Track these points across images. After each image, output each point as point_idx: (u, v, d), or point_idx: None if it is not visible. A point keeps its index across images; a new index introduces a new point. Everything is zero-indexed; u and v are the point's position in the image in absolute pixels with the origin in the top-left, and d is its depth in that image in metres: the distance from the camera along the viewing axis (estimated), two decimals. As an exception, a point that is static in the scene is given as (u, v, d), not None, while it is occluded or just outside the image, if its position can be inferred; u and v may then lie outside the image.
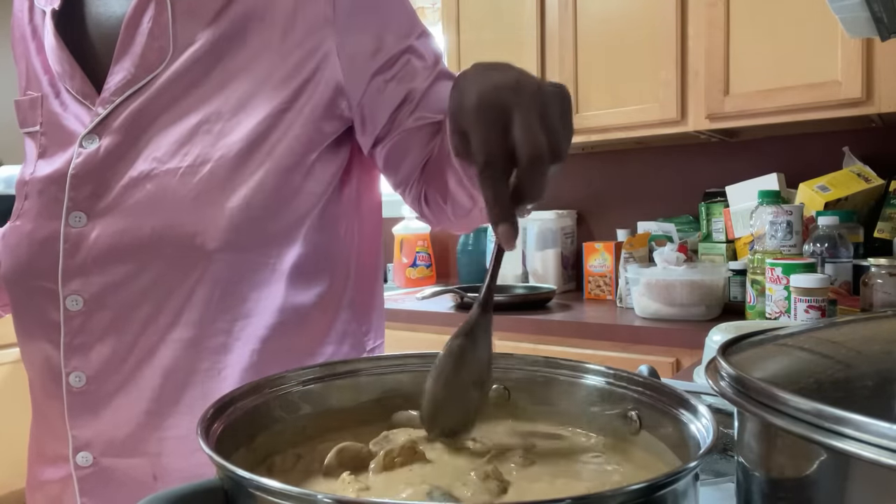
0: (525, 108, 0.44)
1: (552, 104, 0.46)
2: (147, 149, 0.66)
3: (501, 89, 0.45)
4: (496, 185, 0.43)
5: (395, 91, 0.70)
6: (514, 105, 0.44)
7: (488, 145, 0.44)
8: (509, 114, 0.44)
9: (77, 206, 0.65)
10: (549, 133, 0.44)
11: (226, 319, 0.66)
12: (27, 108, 0.72)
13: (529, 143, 0.42)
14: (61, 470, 0.68)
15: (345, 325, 0.75)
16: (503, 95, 0.45)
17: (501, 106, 0.44)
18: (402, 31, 0.71)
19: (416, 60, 0.71)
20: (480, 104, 0.45)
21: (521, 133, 0.43)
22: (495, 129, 0.44)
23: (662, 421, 0.44)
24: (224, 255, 0.64)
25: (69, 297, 0.65)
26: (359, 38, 0.69)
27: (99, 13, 0.71)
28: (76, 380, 0.66)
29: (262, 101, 0.66)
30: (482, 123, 0.44)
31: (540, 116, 0.44)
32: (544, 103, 0.45)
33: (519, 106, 0.44)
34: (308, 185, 0.69)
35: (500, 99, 0.44)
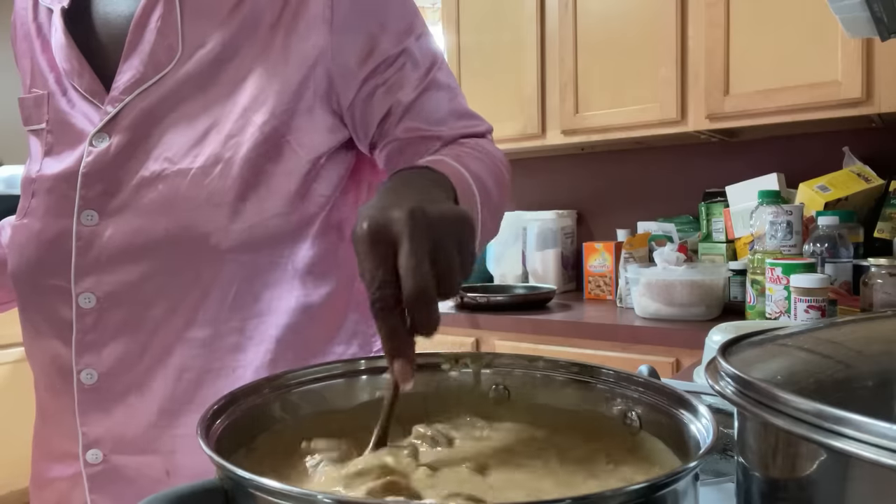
0: (413, 240, 0.41)
1: (448, 233, 0.43)
2: (158, 148, 0.66)
3: (393, 217, 0.42)
4: (388, 320, 0.41)
5: (382, 100, 0.69)
6: (402, 234, 0.41)
7: (375, 279, 0.41)
8: (397, 245, 0.41)
9: (88, 204, 0.66)
10: (440, 265, 0.41)
11: (239, 318, 0.66)
12: (32, 106, 0.72)
13: (413, 277, 0.40)
14: (70, 468, 0.68)
15: (354, 325, 0.76)
16: (392, 226, 0.42)
17: (389, 236, 0.42)
18: (400, 33, 0.70)
19: (410, 67, 0.70)
20: (370, 234, 0.42)
21: (405, 267, 0.40)
22: (383, 261, 0.41)
23: (662, 421, 0.44)
24: (237, 255, 0.65)
25: (82, 294, 0.65)
26: (353, 40, 0.68)
27: (107, 12, 0.71)
28: (87, 377, 0.66)
29: (271, 102, 0.67)
30: (370, 255, 0.42)
31: (431, 248, 0.41)
32: (439, 232, 0.42)
33: (407, 237, 0.41)
34: (317, 187, 0.70)
35: (388, 230, 0.42)
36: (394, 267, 0.41)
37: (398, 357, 0.41)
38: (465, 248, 0.44)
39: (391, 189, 0.49)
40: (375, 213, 0.43)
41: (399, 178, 0.52)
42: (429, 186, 0.51)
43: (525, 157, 2.52)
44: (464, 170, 0.60)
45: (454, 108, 0.73)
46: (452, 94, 0.74)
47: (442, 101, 0.72)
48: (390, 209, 0.43)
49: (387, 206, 0.43)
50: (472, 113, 0.75)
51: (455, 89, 0.75)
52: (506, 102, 2.22)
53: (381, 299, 0.41)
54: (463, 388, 0.53)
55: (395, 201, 0.44)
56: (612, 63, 2.03)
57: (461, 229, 0.44)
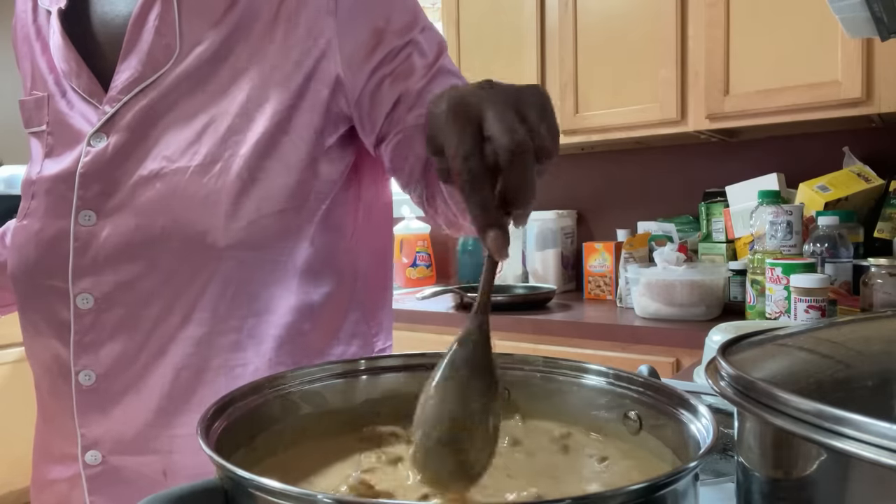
0: (498, 103, 0.40)
1: (528, 100, 0.42)
2: (156, 147, 0.66)
3: (470, 92, 0.42)
4: (478, 189, 0.39)
5: (391, 89, 0.69)
6: (485, 102, 0.40)
7: (463, 147, 0.39)
8: (480, 112, 0.40)
9: (86, 204, 0.66)
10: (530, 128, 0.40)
11: (237, 317, 0.66)
12: (32, 108, 0.72)
13: (506, 135, 0.38)
14: (69, 469, 0.68)
15: (353, 325, 0.76)
16: (472, 96, 0.41)
17: (472, 107, 0.41)
18: (405, 25, 0.70)
19: (417, 56, 0.70)
20: (451, 108, 0.41)
21: (496, 127, 0.39)
22: (468, 129, 0.40)
23: (662, 421, 0.44)
24: (235, 253, 0.65)
25: (79, 295, 0.65)
26: (359, 32, 0.68)
27: (105, 12, 0.71)
28: (86, 378, 0.66)
29: (269, 98, 0.67)
30: (454, 127, 0.40)
31: (515, 112, 0.40)
32: (519, 97, 0.41)
33: (490, 101, 0.40)
34: (316, 185, 0.70)
35: (469, 100, 0.41)
36: (479, 136, 0.40)
37: (492, 227, 0.39)
38: (546, 110, 0.42)
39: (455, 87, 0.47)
40: (454, 91, 0.43)
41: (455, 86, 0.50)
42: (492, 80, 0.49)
43: (525, 157, 2.51)
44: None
45: None
46: (460, 80, 0.72)
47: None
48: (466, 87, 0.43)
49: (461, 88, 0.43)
50: None
51: (462, 76, 0.74)
52: (506, 102, 2.21)
53: (470, 169, 0.39)
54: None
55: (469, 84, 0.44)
56: (612, 63, 2.03)
57: (541, 97, 0.43)
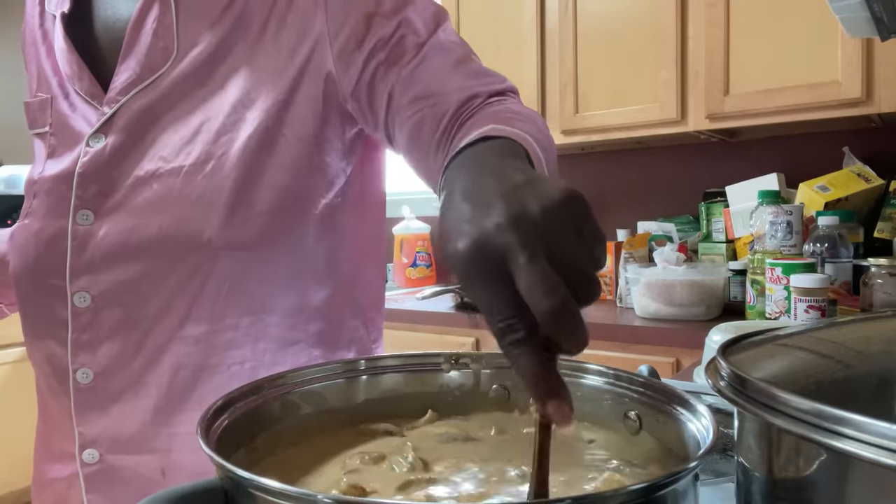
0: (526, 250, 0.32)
1: (563, 223, 0.34)
2: (153, 148, 0.66)
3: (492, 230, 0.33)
4: (526, 354, 0.32)
5: (384, 78, 0.66)
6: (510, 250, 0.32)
7: (497, 312, 0.33)
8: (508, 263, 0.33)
9: (84, 204, 0.66)
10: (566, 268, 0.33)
11: (234, 316, 0.66)
12: (37, 110, 0.73)
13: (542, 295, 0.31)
14: (68, 467, 0.68)
15: (352, 332, 0.76)
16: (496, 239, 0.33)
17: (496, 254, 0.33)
18: (395, 7, 0.67)
19: (410, 36, 0.66)
20: (473, 258, 0.34)
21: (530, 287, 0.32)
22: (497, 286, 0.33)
23: (662, 421, 0.44)
24: (231, 252, 0.65)
25: (77, 293, 0.66)
26: (350, 22, 0.67)
27: (107, 16, 0.72)
28: (83, 376, 0.66)
29: (261, 96, 0.67)
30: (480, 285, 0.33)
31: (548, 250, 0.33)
32: (551, 226, 0.33)
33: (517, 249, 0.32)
34: (313, 183, 0.70)
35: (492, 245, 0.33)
36: (513, 290, 0.32)
37: (553, 397, 0.32)
38: (587, 233, 0.35)
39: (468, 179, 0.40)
40: (470, 228, 0.34)
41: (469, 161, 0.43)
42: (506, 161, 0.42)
43: (525, 157, 2.51)
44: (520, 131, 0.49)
45: (463, 69, 0.66)
46: (460, 54, 0.67)
47: (446, 63, 0.66)
48: (485, 215, 0.34)
49: (478, 213, 0.35)
50: (487, 71, 0.67)
51: (464, 49, 0.68)
52: (506, 102, 2.22)
53: (511, 331, 0.33)
54: (463, 388, 0.53)
55: (483, 199, 0.35)
56: (612, 63, 2.03)
57: (574, 210, 0.34)
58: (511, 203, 0.34)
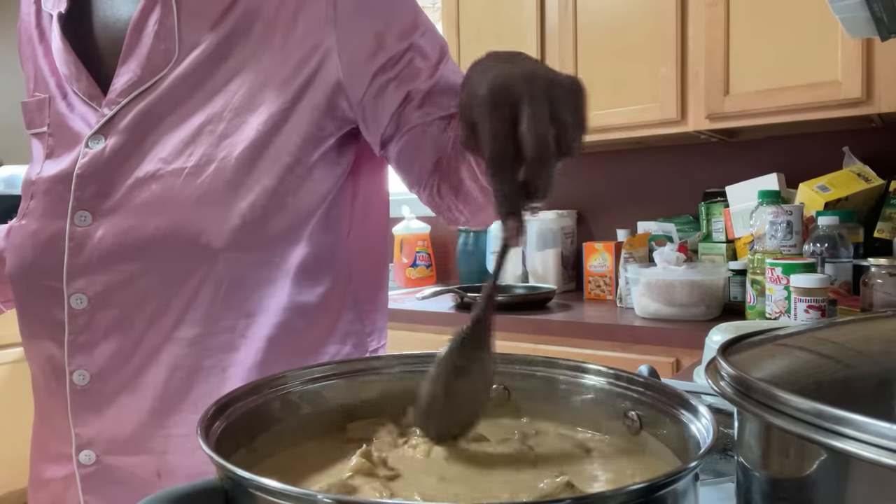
0: (535, 101, 0.43)
1: (564, 97, 0.44)
2: (153, 150, 0.66)
3: (512, 81, 0.44)
4: (504, 179, 0.42)
5: (395, 91, 0.69)
6: (523, 97, 0.43)
7: (496, 138, 0.43)
8: (518, 106, 0.43)
9: (82, 205, 0.66)
10: (559, 127, 0.43)
11: (230, 318, 0.66)
12: (34, 110, 0.73)
13: (535, 137, 0.42)
14: (64, 468, 0.68)
15: (348, 325, 0.76)
16: (514, 87, 0.44)
17: (511, 98, 0.43)
18: (405, 30, 0.70)
19: (419, 59, 0.70)
20: (490, 96, 0.44)
21: (528, 127, 0.42)
22: (503, 121, 0.43)
23: (662, 421, 0.44)
24: (229, 254, 0.65)
25: (73, 295, 0.66)
26: (360, 38, 0.68)
27: (106, 16, 0.72)
28: (80, 378, 0.66)
29: (265, 102, 0.67)
30: (491, 115, 0.44)
31: (550, 109, 0.43)
32: (556, 96, 0.44)
33: (528, 98, 0.43)
34: (312, 186, 0.70)
35: (510, 90, 0.44)
36: (513, 126, 0.43)
37: (511, 215, 0.42)
38: (579, 112, 0.45)
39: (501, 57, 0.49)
40: (496, 75, 0.45)
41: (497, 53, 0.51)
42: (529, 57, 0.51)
43: (525, 157, 2.51)
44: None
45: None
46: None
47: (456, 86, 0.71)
48: (509, 72, 0.45)
49: (504, 70, 0.45)
50: None
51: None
52: (506, 102, 2.21)
53: (499, 155, 0.43)
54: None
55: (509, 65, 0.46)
56: (612, 63, 2.03)
57: (576, 93, 0.45)
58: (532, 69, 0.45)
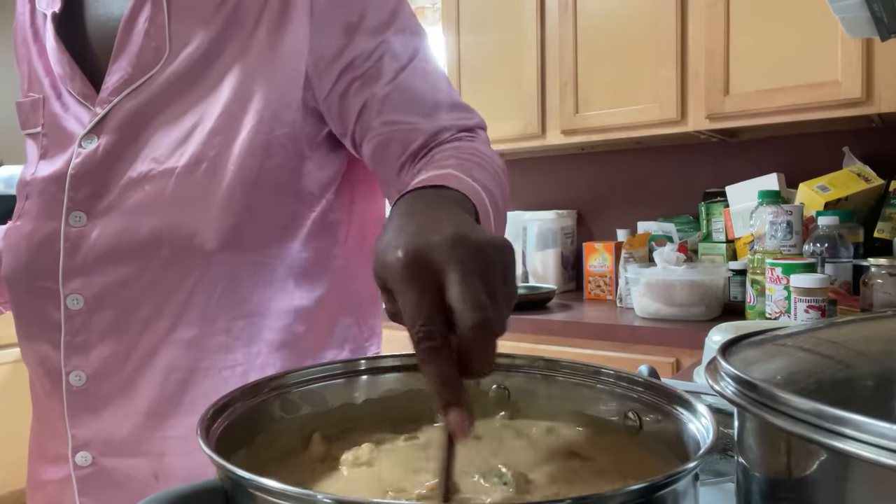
0: (462, 267, 0.36)
1: (493, 262, 0.38)
2: (145, 149, 0.66)
3: (433, 245, 0.37)
4: (439, 363, 0.35)
5: (357, 94, 0.66)
6: (448, 263, 0.36)
7: (420, 314, 0.36)
8: (442, 274, 0.36)
9: (77, 205, 0.66)
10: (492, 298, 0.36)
11: (226, 319, 0.66)
12: (29, 110, 0.73)
13: (471, 308, 0.34)
14: (61, 470, 0.68)
15: (345, 330, 0.75)
16: (434, 252, 0.37)
17: (433, 267, 0.36)
18: (379, 24, 0.67)
19: (388, 59, 0.67)
20: (409, 263, 0.37)
21: (460, 297, 0.35)
22: (428, 293, 0.36)
23: (662, 421, 0.44)
24: (223, 255, 0.64)
25: (70, 296, 0.65)
26: (330, 31, 0.67)
27: (98, 15, 0.71)
28: (76, 379, 0.66)
29: (254, 98, 0.66)
30: (411, 287, 0.36)
31: (481, 277, 0.36)
32: (484, 260, 0.37)
33: (454, 264, 0.36)
34: (306, 185, 0.69)
35: (430, 257, 0.37)
36: (440, 301, 0.36)
37: (455, 406, 0.35)
38: (509, 279, 0.39)
39: (414, 212, 0.43)
40: (412, 239, 0.38)
41: (417, 200, 0.46)
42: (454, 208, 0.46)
43: (525, 157, 2.52)
44: (476, 184, 0.54)
45: (438, 100, 0.68)
46: (436, 84, 0.69)
47: (422, 92, 0.67)
48: (428, 235, 0.38)
49: (421, 232, 0.38)
50: (461, 104, 0.70)
51: (440, 80, 0.70)
52: (506, 102, 2.22)
53: (429, 337, 0.35)
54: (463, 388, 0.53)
55: (427, 226, 0.39)
56: (612, 63, 2.03)
57: (505, 258, 0.39)
58: (456, 229, 0.38)
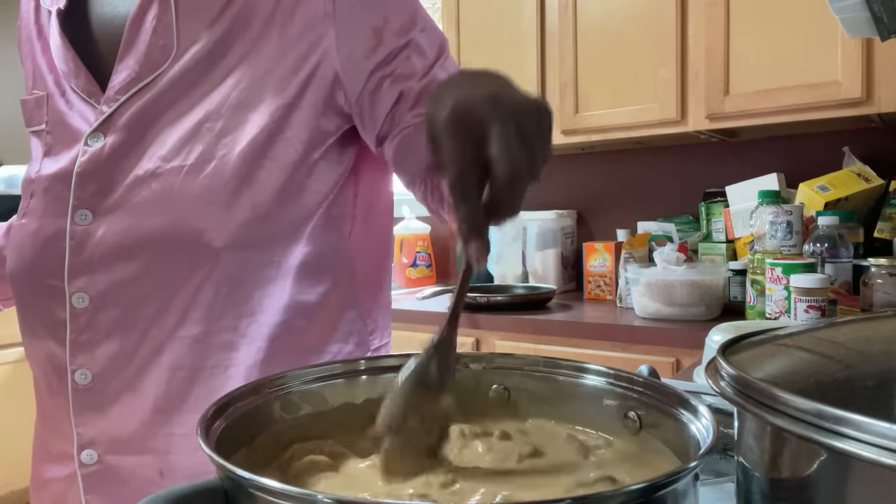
0: (501, 122, 0.41)
1: (530, 119, 0.43)
2: (152, 147, 0.66)
3: (477, 100, 0.42)
4: (468, 200, 0.41)
5: (391, 89, 0.68)
6: (489, 117, 0.41)
7: (461, 158, 0.41)
8: (485, 126, 0.41)
9: (82, 203, 0.66)
10: (526, 149, 0.41)
11: (232, 317, 0.66)
12: (33, 107, 0.73)
13: (507, 158, 0.40)
14: (66, 468, 0.68)
15: (350, 323, 0.76)
16: (479, 107, 0.42)
17: (476, 118, 0.41)
18: (404, 25, 0.69)
19: (416, 57, 0.69)
20: (454, 115, 0.42)
21: (498, 147, 0.40)
22: (468, 141, 0.41)
23: (662, 421, 0.44)
24: (230, 253, 0.64)
25: (75, 294, 0.66)
26: (358, 33, 0.68)
27: (104, 12, 0.71)
28: (82, 377, 0.66)
29: (265, 99, 0.66)
30: (455, 135, 0.42)
31: (517, 131, 0.41)
32: (522, 117, 0.42)
33: (495, 119, 0.41)
34: (313, 184, 0.70)
35: (475, 110, 0.42)
36: (478, 150, 0.41)
37: (475, 238, 0.41)
38: (545, 134, 0.44)
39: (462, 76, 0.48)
40: (459, 95, 0.43)
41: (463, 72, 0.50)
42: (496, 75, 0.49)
43: (525, 157, 2.52)
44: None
45: None
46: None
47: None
48: (474, 92, 0.43)
49: (468, 90, 0.43)
50: None
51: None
52: (506, 102, 2.21)
53: (464, 178, 0.41)
54: (463, 388, 0.53)
55: (474, 85, 0.44)
56: (612, 63, 2.03)
57: (542, 115, 0.44)
58: (498, 89, 0.43)
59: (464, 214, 0.41)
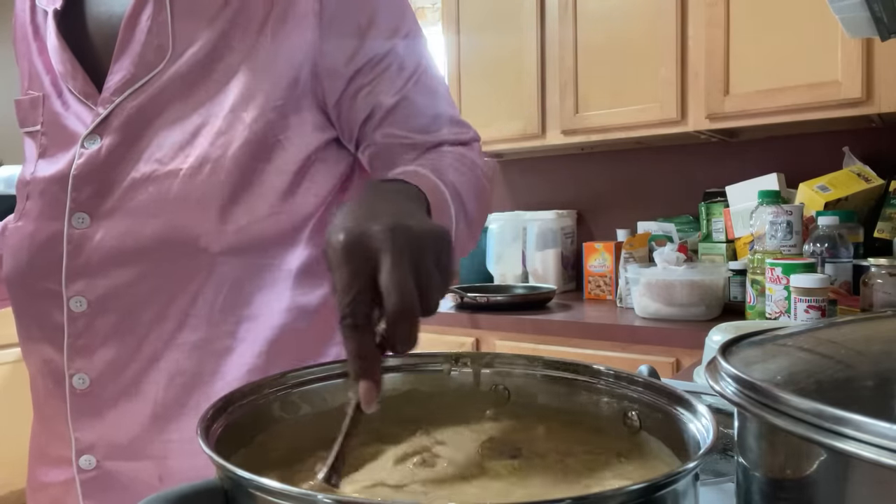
0: (394, 254, 0.39)
1: (428, 250, 0.41)
2: (149, 149, 0.65)
3: (373, 232, 0.41)
4: (358, 338, 0.39)
5: (364, 101, 0.68)
6: (383, 248, 0.40)
7: (350, 294, 0.39)
8: (377, 259, 0.40)
9: (79, 206, 0.65)
10: (421, 282, 0.40)
11: (231, 321, 0.66)
12: (28, 108, 0.72)
13: (397, 292, 0.38)
14: (64, 472, 0.67)
15: None
16: (373, 237, 0.40)
17: (369, 250, 0.40)
18: (389, 30, 0.69)
19: (395, 70, 0.69)
20: (347, 246, 0.40)
21: (389, 281, 0.39)
22: (360, 275, 0.40)
23: (662, 421, 0.44)
24: (228, 257, 0.64)
25: (73, 298, 0.65)
26: (340, 37, 0.67)
27: (100, 13, 0.71)
28: (79, 382, 0.65)
29: (260, 99, 0.66)
30: (346, 268, 0.40)
31: (412, 264, 0.40)
32: (419, 249, 0.41)
33: (388, 251, 0.40)
34: (311, 188, 0.69)
35: (367, 243, 0.40)
36: (371, 282, 0.40)
37: (365, 378, 0.39)
38: (443, 266, 0.43)
39: (364, 201, 0.47)
40: (352, 225, 0.41)
41: (371, 190, 0.51)
42: (403, 199, 0.50)
43: (525, 157, 2.52)
44: (440, 182, 0.60)
45: (438, 114, 0.71)
46: (437, 99, 0.72)
47: (424, 107, 0.70)
48: (368, 222, 0.41)
49: (363, 219, 0.42)
50: (458, 120, 0.73)
51: (441, 94, 0.73)
52: (506, 102, 2.22)
53: (354, 314, 0.39)
54: (463, 388, 0.53)
55: (370, 214, 0.43)
56: (612, 63, 2.03)
57: (440, 246, 0.43)
58: (396, 219, 0.42)
59: (354, 351, 0.39)
